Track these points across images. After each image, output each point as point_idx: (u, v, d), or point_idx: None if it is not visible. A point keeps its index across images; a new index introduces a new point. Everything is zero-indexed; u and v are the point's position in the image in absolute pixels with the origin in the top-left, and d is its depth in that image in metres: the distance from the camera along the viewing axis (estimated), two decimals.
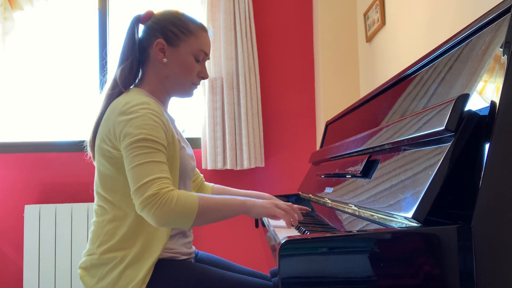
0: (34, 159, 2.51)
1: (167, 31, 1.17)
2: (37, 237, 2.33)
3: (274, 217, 1.09)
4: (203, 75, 1.24)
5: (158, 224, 0.96)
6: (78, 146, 2.53)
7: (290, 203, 1.13)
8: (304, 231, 1.00)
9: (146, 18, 1.21)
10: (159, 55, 1.17)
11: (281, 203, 1.11)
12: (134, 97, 1.08)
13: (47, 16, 2.67)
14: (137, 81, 1.22)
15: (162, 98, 1.21)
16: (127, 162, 1.00)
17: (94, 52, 2.65)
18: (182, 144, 1.19)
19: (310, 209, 1.14)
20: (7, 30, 2.46)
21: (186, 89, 1.22)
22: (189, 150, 1.23)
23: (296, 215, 1.10)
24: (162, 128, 1.05)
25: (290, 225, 1.09)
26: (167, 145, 1.08)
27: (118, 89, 1.14)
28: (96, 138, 1.13)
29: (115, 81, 1.15)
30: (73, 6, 2.70)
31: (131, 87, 1.18)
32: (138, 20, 1.21)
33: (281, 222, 1.24)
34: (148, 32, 1.19)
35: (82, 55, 2.70)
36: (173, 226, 1.00)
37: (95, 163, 1.18)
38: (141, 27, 1.22)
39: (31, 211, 2.35)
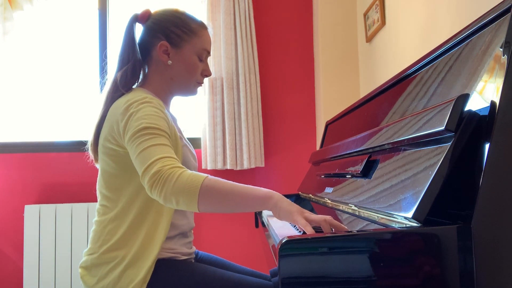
0: (34, 159, 2.50)
1: (170, 32, 1.17)
2: (37, 237, 2.33)
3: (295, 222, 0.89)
4: (207, 73, 1.24)
5: (164, 202, 0.92)
6: (78, 146, 2.53)
7: (326, 217, 0.88)
8: (304, 231, 1.00)
9: (144, 18, 1.19)
10: (164, 57, 1.17)
11: (312, 216, 0.88)
12: (135, 95, 1.08)
13: (47, 16, 2.67)
14: (139, 81, 1.21)
15: (165, 97, 1.21)
16: (132, 153, 0.99)
17: (94, 52, 2.66)
18: (185, 142, 1.19)
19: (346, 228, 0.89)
20: (7, 30, 2.46)
21: (190, 89, 1.23)
22: (191, 149, 1.23)
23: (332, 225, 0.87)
24: (163, 118, 1.04)
25: (312, 232, 0.83)
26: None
27: (120, 92, 1.13)
28: (99, 138, 1.13)
29: (115, 83, 1.14)
30: (73, 6, 2.70)
31: (133, 87, 1.18)
32: (135, 19, 1.19)
33: (283, 222, 1.24)
34: (149, 33, 1.19)
35: (82, 55, 2.70)
36: (179, 207, 0.92)
37: (97, 165, 1.18)
38: (139, 27, 1.21)
39: (31, 211, 2.35)
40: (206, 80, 2.51)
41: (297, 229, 1.09)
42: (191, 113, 2.69)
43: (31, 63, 2.65)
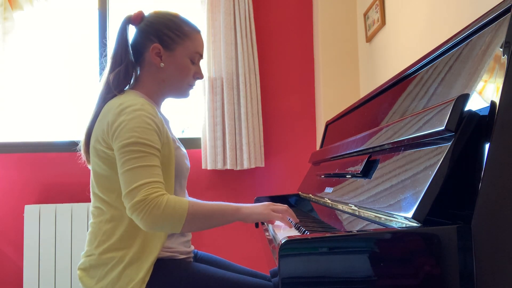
0: (34, 159, 2.51)
1: (162, 35, 1.17)
2: (37, 237, 2.33)
3: (270, 221, 1.15)
4: (199, 76, 1.24)
5: (146, 228, 0.98)
6: (78, 146, 2.52)
7: (286, 206, 1.14)
8: (304, 231, 1.00)
9: (137, 19, 1.19)
10: (156, 59, 1.17)
11: (277, 206, 1.12)
12: (128, 98, 1.08)
13: (47, 16, 2.67)
14: (131, 83, 1.21)
15: (157, 99, 1.22)
16: (119, 165, 1.01)
17: (94, 52, 2.66)
18: (177, 144, 1.19)
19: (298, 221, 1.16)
20: (7, 30, 2.46)
21: (182, 91, 1.23)
22: (184, 150, 1.23)
23: (291, 216, 1.13)
24: (155, 131, 1.04)
25: (291, 225, 1.11)
26: (162, 146, 1.08)
27: (113, 94, 1.13)
28: (91, 139, 1.13)
29: (108, 85, 1.14)
30: (73, 6, 2.70)
31: (126, 88, 1.18)
32: (128, 21, 1.19)
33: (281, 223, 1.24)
34: (142, 35, 1.18)
35: (82, 55, 2.70)
36: (162, 231, 1.02)
37: (89, 166, 1.19)
38: (132, 29, 1.21)
39: (31, 211, 2.35)
40: (206, 80, 2.51)
41: (297, 229, 1.09)
42: (191, 113, 2.69)
43: (31, 63, 2.65)
